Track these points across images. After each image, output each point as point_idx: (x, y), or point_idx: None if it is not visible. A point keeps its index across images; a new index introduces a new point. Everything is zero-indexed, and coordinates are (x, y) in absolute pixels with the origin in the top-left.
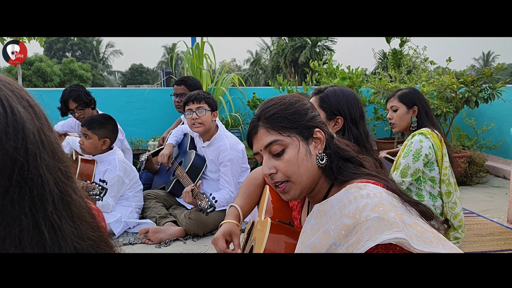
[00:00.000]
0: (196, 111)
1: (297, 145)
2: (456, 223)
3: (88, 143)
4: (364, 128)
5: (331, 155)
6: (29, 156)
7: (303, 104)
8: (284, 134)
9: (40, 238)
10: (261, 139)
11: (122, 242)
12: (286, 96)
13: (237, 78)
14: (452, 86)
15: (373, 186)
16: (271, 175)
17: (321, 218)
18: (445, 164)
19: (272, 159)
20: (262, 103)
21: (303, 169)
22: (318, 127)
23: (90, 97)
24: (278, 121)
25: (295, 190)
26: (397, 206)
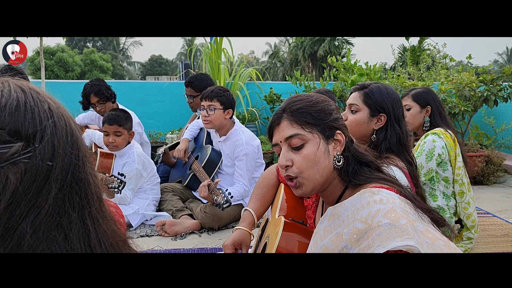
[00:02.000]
0: (207, 109)
1: (318, 142)
2: (469, 223)
3: (121, 139)
4: (405, 127)
5: (348, 158)
6: (80, 162)
7: (328, 104)
8: (307, 129)
9: (85, 232)
10: (283, 130)
11: (139, 233)
12: (314, 95)
13: (254, 73)
14: (471, 84)
15: (387, 192)
16: (287, 167)
17: (334, 221)
18: (458, 164)
19: (290, 151)
20: (289, 98)
21: (319, 166)
22: (340, 129)
23: (111, 91)
24: (303, 116)
25: (307, 186)
26: (410, 213)
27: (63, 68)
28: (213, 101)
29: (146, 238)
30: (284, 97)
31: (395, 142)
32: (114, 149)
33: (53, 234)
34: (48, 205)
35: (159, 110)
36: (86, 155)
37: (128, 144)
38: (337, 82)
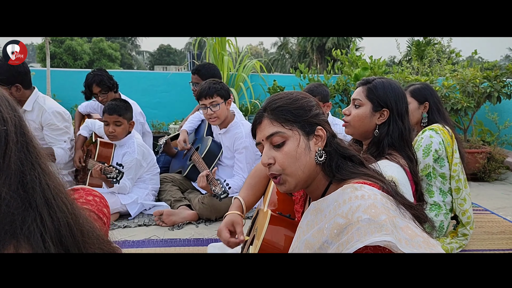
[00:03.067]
0: (210, 107)
1: (298, 138)
2: (465, 219)
3: (121, 129)
4: (408, 123)
5: (331, 153)
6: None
7: (308, 101)
8: (287, 127)
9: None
10: (264, 129)
11: (137, 223)
12: (294, 92)
13: (259, 65)
14: (475, 80)
15: (369, 187)
16: (269, 165)
17: (317, 215)
18: (455, 161)
19: (272, 149)
20: (270, 96)
21: (300, 162)
22: (321, 125)
23: (113, 81)
24: (282, 114)
25: (290, 182)
26: (390, 209)
27: (72, 56)
28: (213, 97)
29: (144, 227)
30: (288, 89)
31: (397, 137)
32: (114, 138)
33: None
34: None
35: (163, 100)
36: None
37: (129, 134)
38: (341, 75)
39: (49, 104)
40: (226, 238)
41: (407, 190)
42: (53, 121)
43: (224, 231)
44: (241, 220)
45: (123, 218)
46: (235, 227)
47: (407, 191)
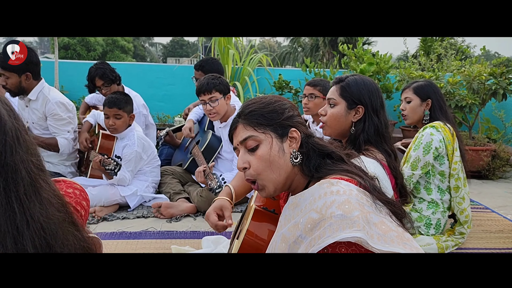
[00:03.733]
0: (209, 103)
1: (270, 141)
2: (462, 218)
3: (121, 122)
4: (384, 118)
5: (308, 153)
6: (7, 147)
7: (282, 104)
8: (259, 130)
9: (11, 213)
10: (238, 134)
11: (136, 214)
12: (268, 96)
13: (265, 59)
14: (480, 77)
15: (345, 183)
16: (245, 169)
17: (294, 210)
18: (455, 159)
19: (246, 153)
20: (245, 102)
21: (274, 166)
22: (294, 127)
23: (115, 73)
24: (255, 118)
25: (268, 187)
26: (365, 205)
27: (85, 48)
28: (212, 92)
29: (142, 219)
30: (293, 83)
31: (373, 133)
32: (114, 131)
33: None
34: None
35: (168, 93)
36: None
37: (129, 127)
38: (348, 70)
39: (53, 95)
40: (214, 221)
41: (386, 185)
42: (57, 111)
43: (212, 215)
44: (229, 206)
45: (122, 209)
46: (224, 211)
47: (386, 185)
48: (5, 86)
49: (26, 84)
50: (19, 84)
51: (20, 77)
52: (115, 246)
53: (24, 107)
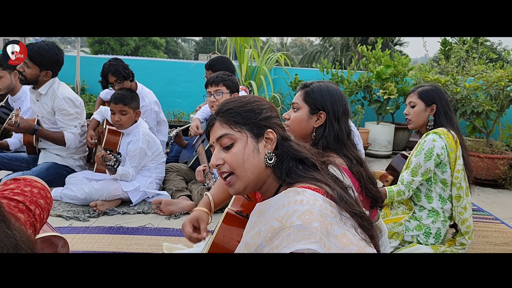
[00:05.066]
0: (214, 94)
1: (245, 140)
2: (464, 228)
3: (126, 118)
4: (346, 125)
5: (282, 156)
6: None
7: (260, 104)
8: (235, 129)
9: None
10: (214, 131)
11: (136, 210)
12: (247, 96)
13: (283, 58)
14: (499, 83)
15: (311, 192)
16: (218, 166)
17: (259, 217)
18: (457, 167)
19: (221, 151)
20: (224, 101)
21: (248, 164)
22: (271, 128)
23: (128, 70)
24: (231, 116)
25: (239, 184)
26: (328, 216)
27: (119, 42)
28: (219, 85)
29: (142, 214)
30: None
31: (333, 140)
32: (119, 127)
33: None
34: None
35: (186, 90)
36: None
37: (135, 123)
38: (366, 72)
39: (61, 90)
40: (188, 233)
41: None
42: (64, 107)
43: (187, 226)
44: (206, 217)
45: (125, 204)
46: (200, 223)
47: None
48: (21, 72)
49: (43, 79)
50: (36, 77)
51: (41, 72)
52: (110, 241)
53: (35, 101)
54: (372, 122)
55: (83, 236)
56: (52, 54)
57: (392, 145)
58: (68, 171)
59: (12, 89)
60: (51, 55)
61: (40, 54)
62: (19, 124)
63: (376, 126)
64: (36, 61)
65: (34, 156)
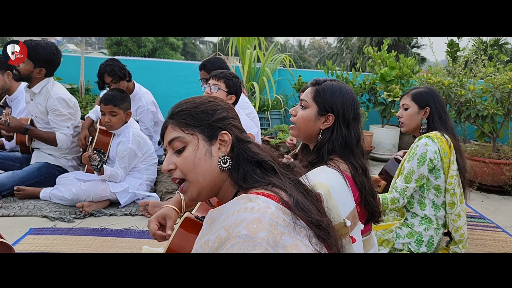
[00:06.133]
0: (211, 87)
1: (196, 143)
2: (457, 237)
3: (116, 119)
4: (356, 131)
5: (238, 159)
6: None
7: (214, 105)
8: (187, 131)
9: None
10: (167, 135)
11: (124, 211)
12: (202, 97)
13: (287, 59)
14: (505, 86)
15: (264, 199)
16: (170, 171)
17: (210, 225)
18: (451, 173)
19: (173, 155)
20: (178, 102)
21: (199, 169)
22: (226, 129)
23: (125, 70)
24: (183, 118)
25: (192, 190)
26: (280, 225)
27: (136, 44)
28: (219, 81)
29: (130, 216)
30: None
31: (340, 145)
32: (109, 128)
33: None
34: None
35: (190, 91)
36: None
37: (125, 124)
38: (371, 74)
39: (55, 90)
40: (153, 230)
41: (345, 196)
42: (57, 107)
43: (153, 223)
44: (174, 215)
45: (113, 205)
46: (167, 221)
47: (344, 197)
48: (16, 67)
49: (36, 77)
50: (30, 73)
51: (35, 69)
52: (91, 243)
53: (30, 100)
54: (377, 125)
55: (65, 237)
56: (48, 53)
57: (397, 148)
58: (61, 171)
59: (7, 89)
60: (47, 54)
61: (36, 50)
62: (10, 123)
63: (381, 129)
64: (31, 56)
65: (28, 155)
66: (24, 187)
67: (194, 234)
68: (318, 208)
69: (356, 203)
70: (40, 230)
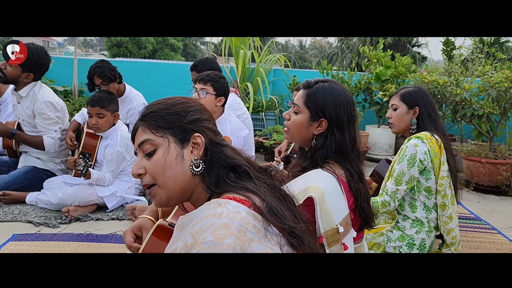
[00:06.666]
0: (199, 92)
1: (167, 146)
2: (449, 239)
3: (104, 121)
4: (351, 135)
5: (211, 163)
6: None
7: (188, 106)
8: (158, 134)
9: None
10: (137, 137)
11: (111, 216)
12: (175, 98)
13: (283, 59)
14: (501, 84)
15: (235, 204)
16: (140, 175)
17: (180, 232)
18: (442, 174)
19: (143, 159)
20: (150, 103)
21: (169, 173)
22: (199, 132)
23: (115, 72)
24: (153, 120)
25: (162, 195)
26: (249, 231)
27: (136, 45)
28: (206, 85)
29: (116, 221)
30: None
31: (334, 151)
32: (97, 130)
33: None
34: None
35: (184, 92)
36: None
37: (113, 126)
38: (367, 73)
39: (42, 94)
40: (128, 243)
41: (339, 201)
42: (44, 111)
43: (128, 235)
44: (150, 226)
45: (101, 210)
46: (143, 232)
47: (338, 202)
48: (2, 70)
49: (23, 81)
50: (17, 77)
51: (22, 73)
52: (75, 249)
53: (16, 103)
54: (373, 125)
55: (49, 243)
56: (37, 58)
57: (393, 149)
58: (49, 175)
59: None
60: (37, 58)
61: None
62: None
63: (377, 130)
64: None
65: (16, 159)
66: (10, 192)
67: (166, 242)
68: (294, 213)
69: (350, 209)
70: (23, 236)
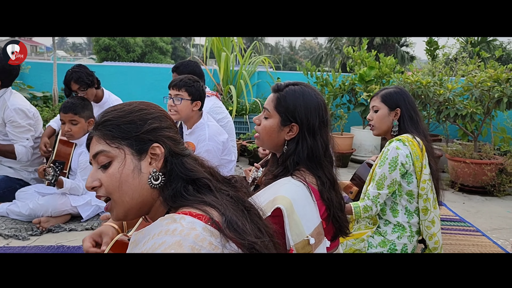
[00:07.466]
0: (173, 98)
1: (123, 158)
2: (432, 244)
3: (77, 128)
4: (323, 140)
5: (171, 175)
6: None
7: (146, 113)
8: (113, 145)
9: None
10: (92, 148)
11: (85, 226)
12: (133, 103)
13: (267, 61)
14: (484, 83)
15: (190, 220)
16: (94, 188)
17: (133, 249)
18: (424, 177)
19: (98, 171)
20: (105, 110)
21: (126, 187)
22: (158, 142)
23: (93, 77)
24: (108, 130)
25: (118, 211)
26: (204, 248)
27: (125, 49)
28: (180, 90)
29: (91, 231)
30: None
31: (306, 158)
32: (70, 138)
33: None
34: None
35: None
36: None
37: (87, 133)
38: (352, 74)
39: (13, 101)
40: (86, 248)
41: (309, 211)
42: (15, 118)
43: (87, 241)
44: (112, 232)
45: (75, 220)
46: (103, 238)
47: (309, 212)
48: None
49: None
50: None
51: None
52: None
53: None
54: (358, 127)
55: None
56: (4, 63)
57: (379, 150)
58: (22, 184)
59: None
60: (3, 64)
61: None
62: None
63: (362, 131)
64: None
65: None
66: None
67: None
68: (259, 226)
69: (322, 218)
70: None
